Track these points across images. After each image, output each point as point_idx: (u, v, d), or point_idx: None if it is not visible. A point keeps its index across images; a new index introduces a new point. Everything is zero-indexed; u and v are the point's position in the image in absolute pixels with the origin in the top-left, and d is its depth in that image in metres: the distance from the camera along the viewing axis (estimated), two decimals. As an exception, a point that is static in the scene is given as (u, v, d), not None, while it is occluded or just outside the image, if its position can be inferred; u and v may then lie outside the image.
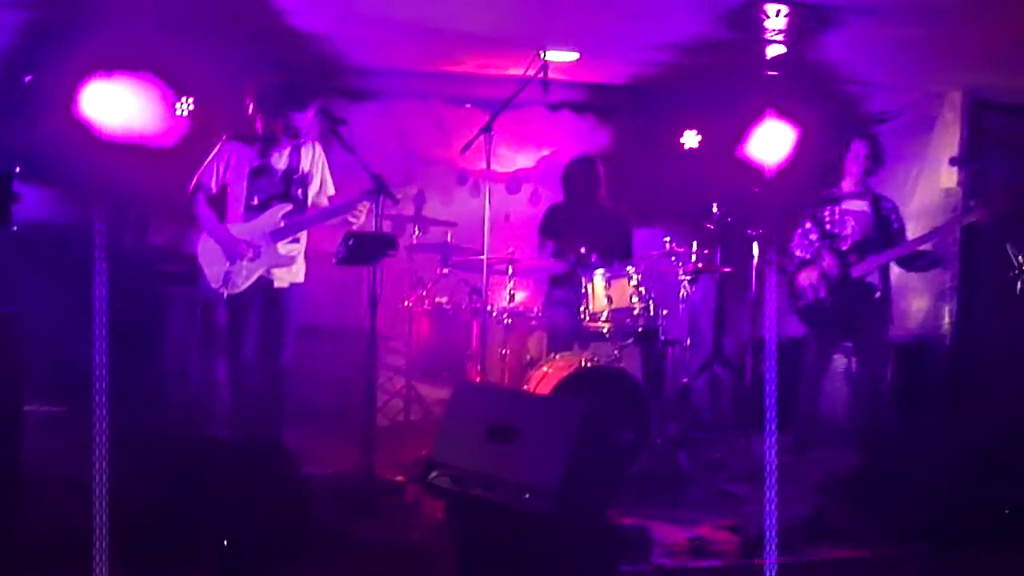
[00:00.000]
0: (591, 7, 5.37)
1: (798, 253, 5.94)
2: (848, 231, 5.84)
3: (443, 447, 4.14)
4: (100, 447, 3.37)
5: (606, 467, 4.16)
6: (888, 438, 5.71)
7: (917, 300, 6.84)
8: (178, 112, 5.85)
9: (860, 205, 5.87)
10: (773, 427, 3.32)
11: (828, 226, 5.88)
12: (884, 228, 5.84)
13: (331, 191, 5.23)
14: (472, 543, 3.96)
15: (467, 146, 5.36)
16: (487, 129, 5.17)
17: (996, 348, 6.44)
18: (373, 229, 4.83)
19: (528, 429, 3.92)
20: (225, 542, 3.63)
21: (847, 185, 5.91)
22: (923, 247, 5.70)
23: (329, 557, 3.93)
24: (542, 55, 5.59)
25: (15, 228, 3.54)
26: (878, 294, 5.80)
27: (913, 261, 5.83)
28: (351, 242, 4.58)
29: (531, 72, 5.46)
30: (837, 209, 5.86)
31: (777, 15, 5.21)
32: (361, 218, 5.07)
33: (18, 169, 3.48)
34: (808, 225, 5.96)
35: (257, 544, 3.68)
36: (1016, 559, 4.14)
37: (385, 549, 4.07)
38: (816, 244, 5.87)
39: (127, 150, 5.50)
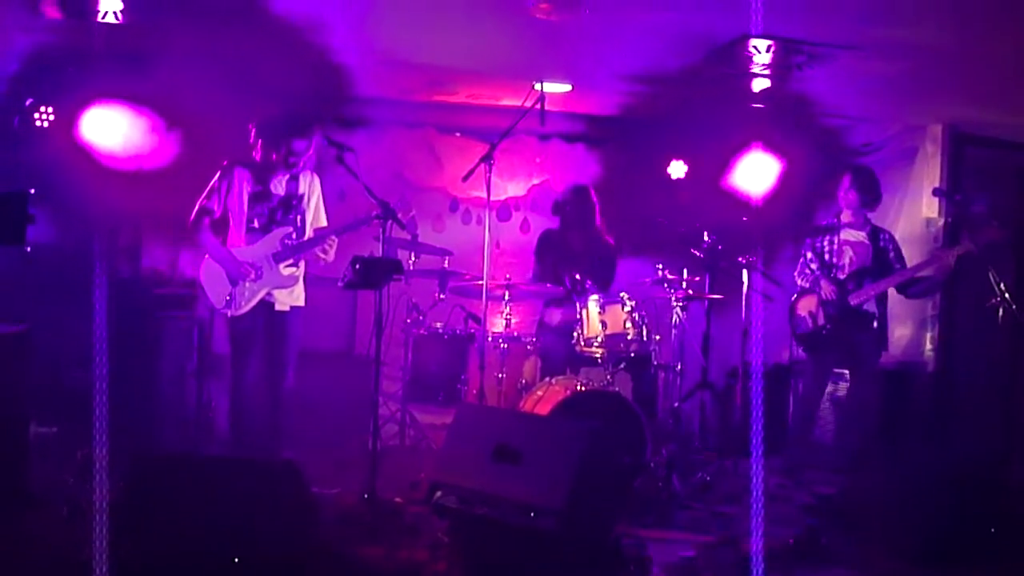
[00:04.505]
0: (583, 41, 5.49)
1: (799, 282, 6.11)
2: (846, 261, 6.01)
3: (447, 467, 4.22)
4: (100, 468, 3.42)
5: (608, 487, 4.24)
6: (876, 461, 5.82)
7: (900, 327, 6.97)
8: (174, 139, 5.93)
9: (859, 236, 6.06)
10: (759, 451, 3.43)
11: (827, 256, 6.04)
12: (881, 258, 6.02)
13: (323, 222, 5.33)
14: (477, 561, 4.03)
15: (468, 174, 5.45)
16: (488, 158, 5.26)
17: (977, 374, 6.58)
18: (380, 254, 4.91)
19: (532, 449, 4.01)
20: (235, 559, 3.68)
21: (846, 216, 6.09)
22: (921, 273, 5.85)
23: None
24: (538, 86, 5.70)
25: (28, 249, 3.59)
26: (875, 322, 5.96)
27: (910, 286, 5.98)
28: (358, 266, 4.64)
29: (527, 103, 5.56)
30: (836, 239, 6.03)
31: (764, 50, 5.35)
32: (330, 256, 5.17)
33: (32, 191, 3.53)
34: (809, 255, 6.13)
35: (263, 563, 3.73)
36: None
37: (387, 569, 4.12)
38: (816, 273, 6.03)
39: (125, 175, 5.58)
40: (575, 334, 5.71)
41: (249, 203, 5.11)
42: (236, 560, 3.66)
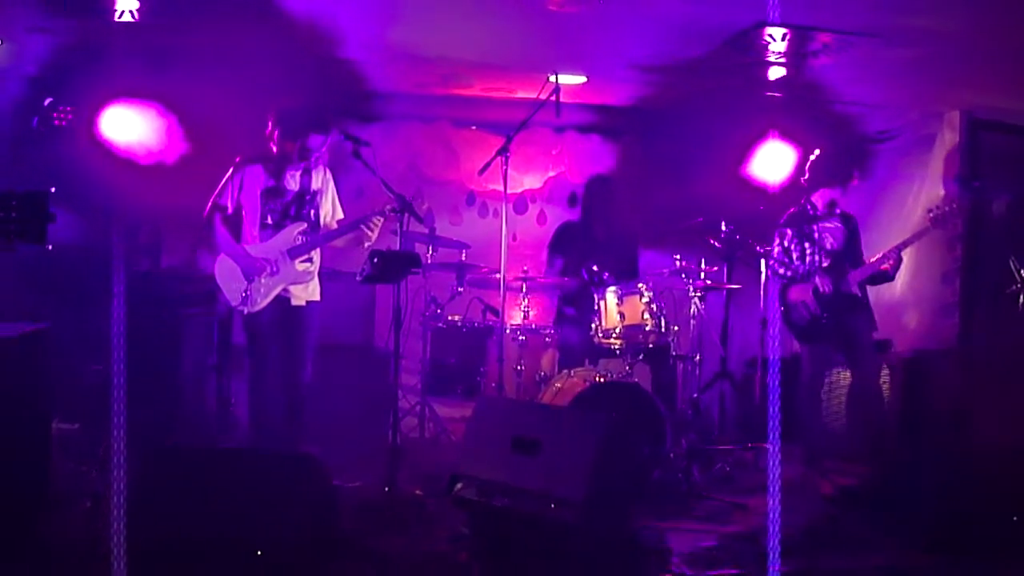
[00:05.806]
0: (597, 32, 5.48)
1: (780, 270, 6.02)
2: (828, 246, 5.94)
3: (467, 459, 4.23)
4: (118, 461, 3.44)
5: (627, 478, 4.25)
6: (894, 449, 5.80)
7: (920, 315, 6.94)
8: (192, 136, 5.96)
9: (833, 222, 5.98)
10: (777, 440, 3.43)
11: (817, 243, 5.96)
12: (853, 242, 5.97)
13: (340, 214, 5.34)
14: (497, 553, 4.04)
15: (485, 167, 5.46)
16: (504, 151, 5.26)
17: (997, 361, 6.53)
18: (398, 247, 4.92)
19: (551, 441, 4.02)
20: (258, 552, 3.71)
21: (820, 202, 6.00)
22: (884, 266, 5.80)
23: (354, 568, 4.02)
24: (553, 78, 5.69)
25: (50, 247, 3.61)
26: (861, 303, 5.90)
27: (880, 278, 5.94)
28: (376, 260, 4.66)
29: (542, 95, 5.55)
30: (815, 226, 5.95)
31: (780, 38, 5.33)
32: (374, 235, 5.19)
33: (53, 189, 3.56)
34: (787, 243, 6.01)
35: (285, 556, 3.75)
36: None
37: (409, 561, 4.14)
38: (797, 262, 5.95)
39: (144, 172, 5.62)
40: (593, 326, 5.70)
41: (262, 199, 5.12)
42: (259, 553, 3.70)
